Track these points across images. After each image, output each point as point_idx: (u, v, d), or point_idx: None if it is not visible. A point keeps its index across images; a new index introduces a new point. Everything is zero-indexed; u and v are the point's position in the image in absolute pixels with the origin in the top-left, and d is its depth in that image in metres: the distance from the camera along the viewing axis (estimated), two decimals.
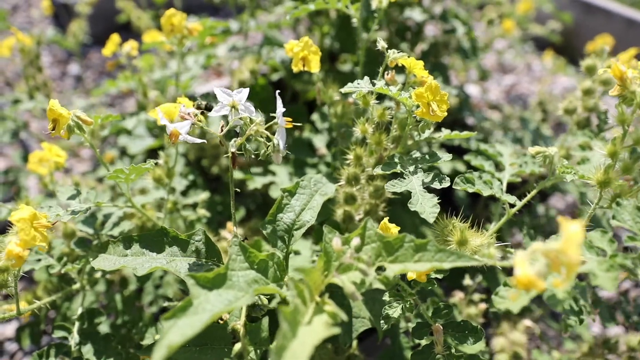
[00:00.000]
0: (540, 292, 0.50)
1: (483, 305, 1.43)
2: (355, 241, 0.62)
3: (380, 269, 0.64)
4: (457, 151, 1.66)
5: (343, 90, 0.94)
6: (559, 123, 2.71)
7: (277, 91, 0.85)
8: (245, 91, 0.87)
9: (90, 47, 3.21)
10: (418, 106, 0.85)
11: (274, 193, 1.37)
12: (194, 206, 1.52)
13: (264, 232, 0.93)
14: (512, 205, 0.96)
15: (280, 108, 0.82)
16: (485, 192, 0.88)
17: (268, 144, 0.80)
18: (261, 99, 1.80)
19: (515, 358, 1.49)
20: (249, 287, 0.65)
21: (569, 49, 3.17)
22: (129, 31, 3.09)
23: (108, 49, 1.59)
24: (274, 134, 0.87)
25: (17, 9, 3.54)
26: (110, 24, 3.18)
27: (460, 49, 1.82)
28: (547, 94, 2.41)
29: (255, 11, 1.98)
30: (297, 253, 1.20)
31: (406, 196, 1.01)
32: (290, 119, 0.83)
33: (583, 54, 2.55)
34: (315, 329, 0.52)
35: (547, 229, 1.92)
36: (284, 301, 1.04)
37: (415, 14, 1.69)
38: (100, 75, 3.08)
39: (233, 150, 0.79)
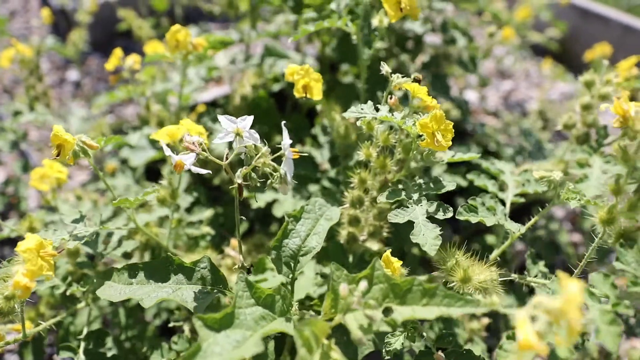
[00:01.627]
0: (542, 355, 0.51)
1: (485, 320, 1.44)
2: (363, 285, 0.62)
3: (388, 310, 0.64)
4: (459, 163, 1.67)
5: (346, 115, 0.94)
6: (558, 131, 2.72)
7: (283, 122, 0.86)
8: (250, 119, 0.87)
9: (89, 53, 3.20)
10: (422, 135, 0.86)
11: (277, 211, 1.37)
12: (198, 222, 1.52)
13: (270, 257, 0.94)
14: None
15: (286, 140, 0.83)
16: (489, 222, 0.89)
17: (274, 174, 0.81)
18: (263, 110, 1.81)
19: None
20: (256, 324, 0.66)
21: (567, 55, 3.18)
22: (128, 38, 3.08)
23: (111, 64, 1.59)
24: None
25: (14, 15, 3.52)
26: (109, 31, 3.17)
27: (461, 62, 1.83)
28: (545, 101, 2.42)
29: (256, 22, 1.98)
30: (300, 273, 1.20)
31: None
32: (296, 150, 0.84)
33: (581, 60, 2.56)
34: None
35: (547, 241, 1.94)
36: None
37: (415, 26, 1.69)
38: (98, 81, 3.07)
39: (239, 181, 0.80)
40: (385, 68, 0.99)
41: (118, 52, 1.65)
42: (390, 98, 1.02)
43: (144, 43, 2.03)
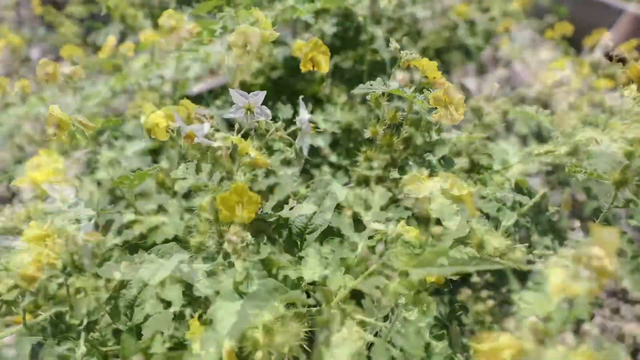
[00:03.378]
0: (572, 297, 0.50)
1: (491, 302, 1.43)
2: (380, 247, 0.61)
3: (403, 273, 0.63)
4: None
5: (356, 91, 0.93)
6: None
7: (301, 96, 0.84)
8: (262, 94, 0.85)
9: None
10: (433, 109, 0.84)
11: (279, 194, 1.35)
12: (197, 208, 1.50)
13: (276, 236, 0.92)
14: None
15: (304, 113, 0.81)
16: (499, 194, 0.88)
17: (289, 148, 0.79)
18: None
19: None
20: (269, 295, 0.64)
21: (566, 41, 3.17)
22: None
23: (104, 52, 1.56)
24: None
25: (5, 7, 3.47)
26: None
27: (463, 47, 1.81)
28: (544, 87, 2.41)
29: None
30: (305, 255, 1.18)
31: None
32: (313, 125, 0.82)
33: (580, 46, 2.56)
34: (346, 336, 0.51)
35: (548, 226, 1.93)
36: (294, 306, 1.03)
37: (417, 10, 1.68)
38: (91, 72, 3.03)
39: (252, 154, 0.78)
40: (393, 44, 0.98)
41: (111, 39, 1.62)
42: (399, 75, 1.00)
43: (137, 33, 1.99)
